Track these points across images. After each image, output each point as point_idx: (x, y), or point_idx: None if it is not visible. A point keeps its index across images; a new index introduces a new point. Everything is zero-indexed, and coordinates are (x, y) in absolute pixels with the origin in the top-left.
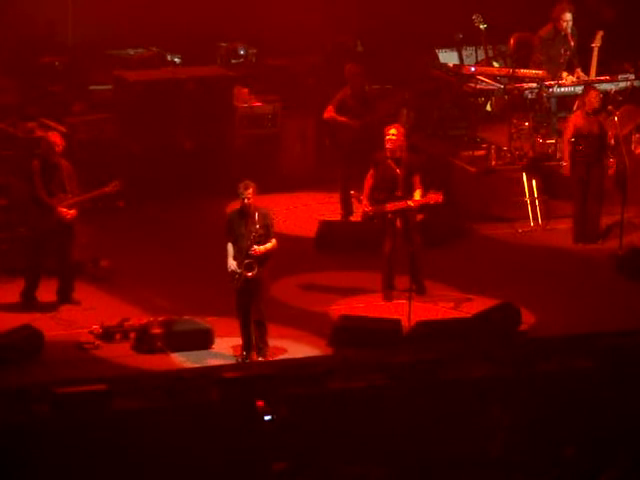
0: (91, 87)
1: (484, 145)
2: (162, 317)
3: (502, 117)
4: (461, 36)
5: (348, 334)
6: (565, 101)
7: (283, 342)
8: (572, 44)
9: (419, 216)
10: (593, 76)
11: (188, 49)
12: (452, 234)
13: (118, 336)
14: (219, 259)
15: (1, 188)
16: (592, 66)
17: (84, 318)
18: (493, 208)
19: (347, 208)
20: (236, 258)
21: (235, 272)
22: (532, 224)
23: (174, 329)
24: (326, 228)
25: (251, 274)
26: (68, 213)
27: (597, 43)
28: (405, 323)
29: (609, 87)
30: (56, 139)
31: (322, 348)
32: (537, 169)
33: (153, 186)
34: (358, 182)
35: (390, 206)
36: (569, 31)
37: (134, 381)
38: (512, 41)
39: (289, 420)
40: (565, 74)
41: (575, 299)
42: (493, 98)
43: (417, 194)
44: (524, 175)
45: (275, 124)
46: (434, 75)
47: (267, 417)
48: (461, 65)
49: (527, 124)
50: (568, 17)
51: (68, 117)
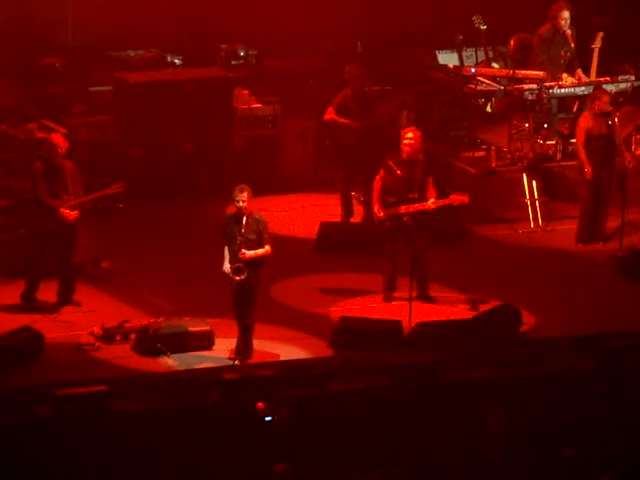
0: (91, 88)
1: (484, 146)
2: (162, 318)
3: (502, 118)
4: (461, 37)
5: (348, 336)
6: (565, 102)
7: (283, 344)
8: (572, 45)
9: (436, 217)
10: (593, 77)
11: (188, 50)
12: (452, 235)
13: (118, 337)
14: (219, 261)
15: (1, 190)
16: (592, 67)
17: (84, 319)
18: (493, 209)
19: (347, 209)
20: (230, 261)
21: (228, 275)
22: (532, 225)
23: (174, 330)
24: (327, 229)
25: (239, 278)
26: (70, 214)
27: (597, 44)
28: (406, 324)
29: (609, 88)
30: (59, 141)
31: (322, 350)
32: (537, 170)
33: (153, 187)
34: (358, 183)
35: (405, 208)
36: (568, 30)
37: (134, 382)
38: (512, 42)
39: (289, 422)
40: (565, 75)
41: (575, 300)
42: (493, 99)
43: (431, 198)
44: (524, 176)
45: (275, 125)
46: (434, 76)
47: (267, 418)
48: (461, 66)
49: (527, 125)
50: (566, 15)
51: (68, 118)
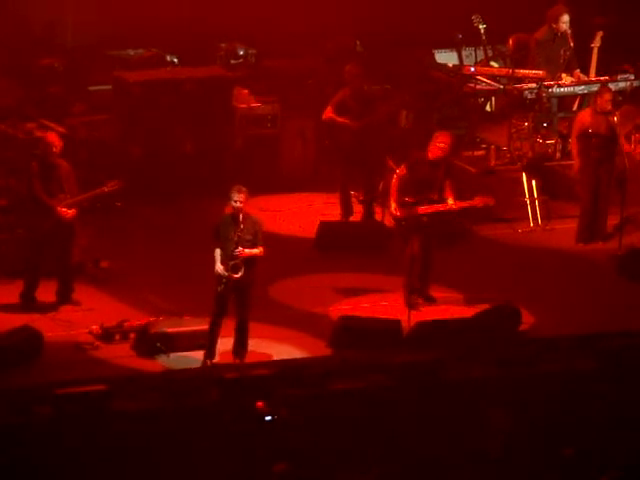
0: (91, 88)
1: (484, 145)
2: (162, 318)
3: (502, 117)
4: (460, 36)
5: (348, 335)
6: (565, 101)
7: (282, 343)
8: (571, 45)
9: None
10: (593, 76)
11: (187, 50)
12: (452, 235)
13: (118, 337)
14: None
15: (0, 189)
16: (592, 66)
17: (83, 319)
18: (493, 208)
19: (347, 209)
20: (223, 262)
21: (222, 276)
22: (532, 224)
23: (174, 330)
24: (326, 229)
25: (237, 275)
26: (67, 213)
27: (597, 43)
28: (405, 324)
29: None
30: (54, 140)
31: (322, 349)
32: (537, 169)
33: (153, 187)
34: (358, 183)
35: (424, 209)
36: (567, 32)
37: (134, 382)
38: (511, 41)
39: (289, 421)
40: (564, 75)
41: (575, 299)
42: (493, 98)
43: (450, 199)
44: (524, 175)
45: (275, 125)
46: (434, 76)
47: (267, 418)
48: (461, 65)
49: (527, 124)
50: (566, 19)
51: (68, 118)
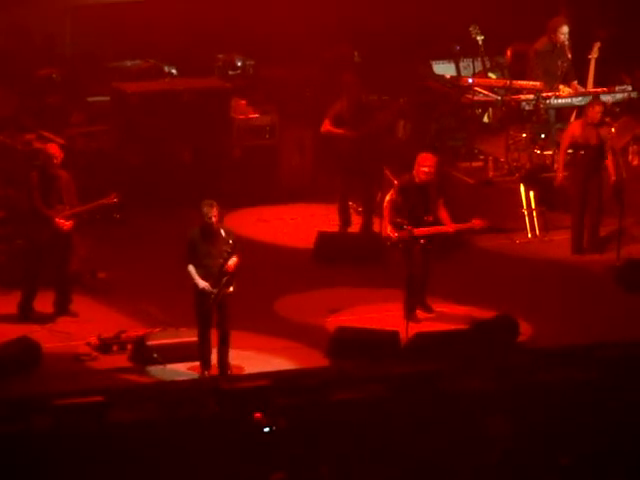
0: (89, 99)
1: (481, 156)
2: (159, 329)
3: (499, 128)
4: (458, 47)
5: (346, 345)
6: (562, 113)
7: (279, 354)
8: (569, 56)
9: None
10: (590, 88)
11: (185, 61)
12: (449, 245)
13: (115, 348)
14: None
15: None
16: (589, 77)
17: (81, 330)
18: (491, 219)
19: (345, 219)
20: (205, 278)
21: (211, 292)
22: (530, 235)
23: (171, 341)
24: (324, 239)
25: (231, 290)
26: (65, 224)
27: (594, 54)
28: (403, 334)
29: (606, 98)
30: (54, 151)
31: (319, 360)
32: (535, 180)
33: (151, 197)
34: (356, 193)
35: (419, 231)
36: (565, 44)
37: (131, 393)
38: (509, 52)
39: (287, 431)
40: (562, 86)
41: (573, 310)
42: (490, 109)
43: (446, 220)
44: (522, 186)
45: (273, 135)
46: (431, 86)
47: (265, 428)
48: (458, 76)
49: (524, 135)
50: (565, 30)
51: (66, 129)
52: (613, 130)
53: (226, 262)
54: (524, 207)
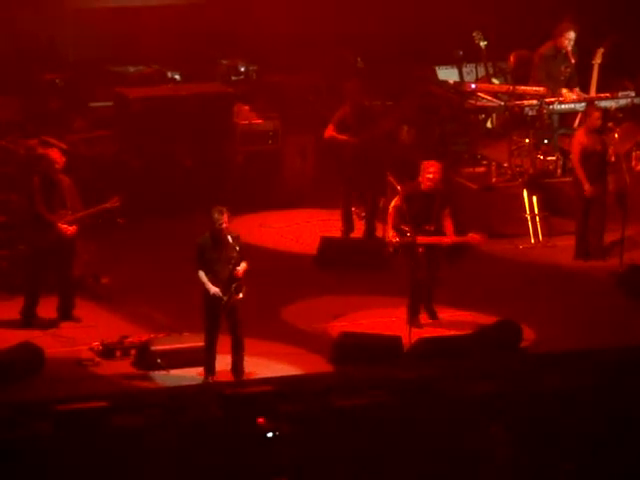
0: (91, 104)
1: (484, 162)
2: (162, 334)
3: (502, 134)
4: (461, 53)
5: (349, 351)
6: (565, 118)
7: (282, 359)
8: (572, 62)
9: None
10: (593, 93)
11: (188, 66)
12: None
13: (118, 353)
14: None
15: (1, 205)
16: (592, 83)
17: (84, 335)
18: (494, 225)
19: (348, 225)
20: (214, 284)
21: (221, 298)
22: (532, 241)
23: (174, 346)
24: (327, 244)
25: (241, 295)
26: (68, 229)
27: (597, 60)
28: (406, 340)
29: (609, 104)
30: (56, 156)
31: (322, 365)
32: (537, 186)
33: (154, 203)
34: (359, 199)
35: (420, 239)
36: (570, 49)
37: (134, 398)
38: (512, 58)
39: (290, 437)
40: (565, 91)
41: (575, 316)
42: (493, 115)
43: (448, 229)
44: (524, 192)
45: (276, 141)
46: (434, 92)
47: (269, 434)
48: (461, 82)
49: (527, 141)
50: (571, 36)
51: (69, 134)
52: (616, 136)
53: (235, 268)
54: (527, 212)
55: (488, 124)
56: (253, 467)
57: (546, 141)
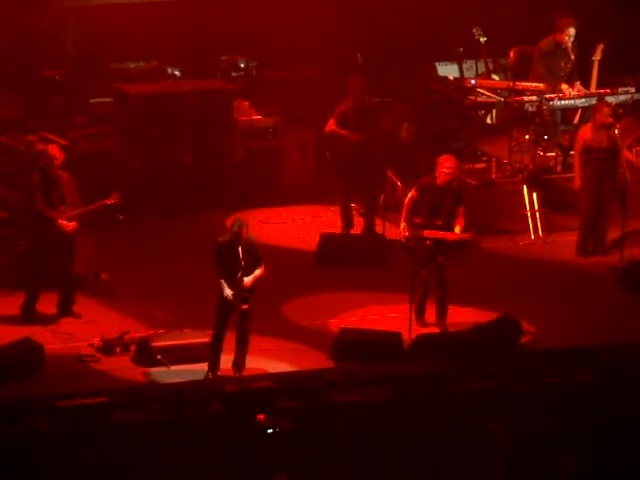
0: (91, 100)
1: (485, 158)
2: (162, 330)
3: (503, 130)
4: (461, 49)
5: (349, 347)
6: (566, 114)
7: (283, 355)
8: (572, 57)
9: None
10: (594, 89)
11: (188, 62)
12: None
13: (118, 349)
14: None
15: (1, 201)
16: (593, 79)
17: (84, 331)
18: (494, 221)
19: (348, 221)
20: (230, 286)
21: (232, 302)
22: (533, 237)
23: (174, 342)
24: (327, 241)
25: (246, 306)
26: (68, 225)
27: (598, 56)
28: (406, 336)
29: (610, 100)
30: (56, 152)
31: (323, 361)
32: (537, 182)
33: (153, 199)
34: (359, 195)
35: (427, 233)
36: (570, 45)
37: (134, 394)
38: (512, 54)
39: (290, 433)
40: (565, 86)
41: (576, 312)
42: (494, 111)
43: (457, 227)
44: (525, 188)
45: (276, 137)
46: (435, 88)
47: (269, 430)
48: (462, 78)
49: (527, 137)
50: (572, 32)
51: (69, 130)
52: (617, 132)
53: (243, 277)
54: (527, 209)
55: (488, 120)
56: (253, 463)
57: (546, 137)
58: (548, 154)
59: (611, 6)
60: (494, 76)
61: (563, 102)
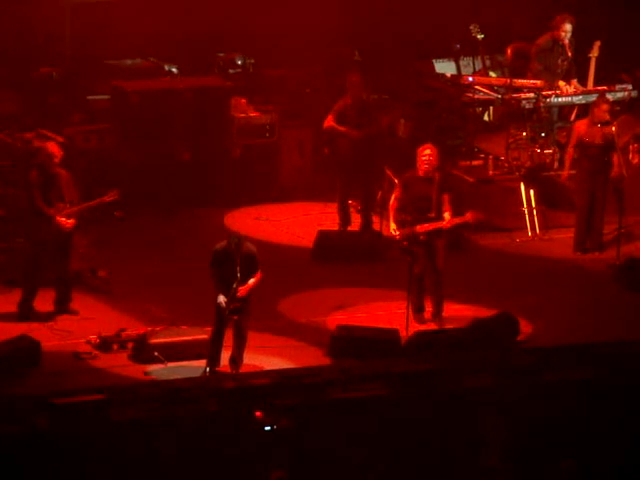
0: (89, 97)
1: (482, 155)
2: (160, 327)
3: (500, 127)
4: (458, 46)
5: (346, 344)
6: (563, 111)
7: (280, 352)
8: (569, 54)
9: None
10: (591, 86)
11: (186, 59)
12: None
13: (116, 346)
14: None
15: None
16: (590, 76)
17: (82, 328)
18: (491, 218)
19: (345, 218)
20: (224, 293)
21: (225, 309)
22: (530, 234)
23: (172, 339)
24: (324, 238)
25: (236, 317)
26: (67, 222)
27: (595, 53)
28: (403, 333)
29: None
30: (54, 149)
31: (320, 358)
32: (535, 179)
33: (151, 196)
34: (356, 192)
35: (420, 227)
36: (567, 42)
37: (132, 391)
38: (509, 51)
39: (288, 430)
40: (562, 83)
41: (573, 309)
42: (491, 108)
43: (446, 214)
44: (522, 185)
45: (273, 134)
46: (432, 85)
47: (266, 427)
48: (459, 75)
49: (525, 134)
50: (568, 28)
51: (66, 127)
52: (613, 129)
53: (237, 287)
54: (524, 206)
55: (485, 117)
56: (251, 460)
57: (543, 134)
58: (545, 151)
59: (608, 2)
60: (491, 73)
61: (560, 99)
